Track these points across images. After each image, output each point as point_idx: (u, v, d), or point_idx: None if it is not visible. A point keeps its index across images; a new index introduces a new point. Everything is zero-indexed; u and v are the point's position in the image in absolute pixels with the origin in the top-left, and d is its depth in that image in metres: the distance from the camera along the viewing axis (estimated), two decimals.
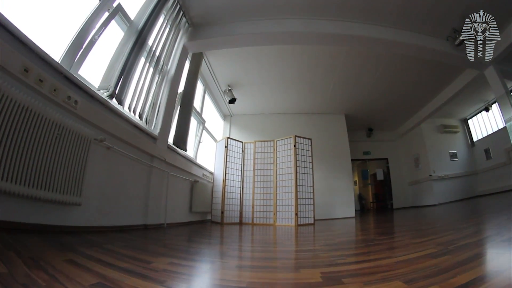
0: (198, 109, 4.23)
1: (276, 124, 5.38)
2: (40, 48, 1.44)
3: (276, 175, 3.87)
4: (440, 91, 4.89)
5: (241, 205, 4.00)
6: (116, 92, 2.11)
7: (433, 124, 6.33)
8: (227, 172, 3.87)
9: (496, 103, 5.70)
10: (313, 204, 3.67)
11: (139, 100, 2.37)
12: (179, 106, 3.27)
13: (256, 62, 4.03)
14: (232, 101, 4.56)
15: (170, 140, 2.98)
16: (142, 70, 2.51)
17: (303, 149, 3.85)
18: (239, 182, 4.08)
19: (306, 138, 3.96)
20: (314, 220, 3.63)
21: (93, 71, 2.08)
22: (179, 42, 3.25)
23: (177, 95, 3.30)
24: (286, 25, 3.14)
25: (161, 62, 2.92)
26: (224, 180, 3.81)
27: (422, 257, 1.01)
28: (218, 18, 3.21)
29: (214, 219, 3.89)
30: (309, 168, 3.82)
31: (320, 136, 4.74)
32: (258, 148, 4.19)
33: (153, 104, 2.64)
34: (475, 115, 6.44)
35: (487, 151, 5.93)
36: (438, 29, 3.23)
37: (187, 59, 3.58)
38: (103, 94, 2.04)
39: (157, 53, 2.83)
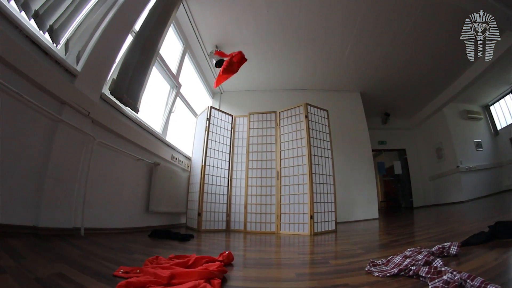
0: (174, 70, 3.03)
1: (278, 102, 4.12)
2: None
3: (280, 159, 2.71)
4: (468, 66, 3.96)
5: (228, 203, 2.81)
6: None
7: (456, 109, 5.45)
8: (208, 154, 2.67)
9: None
10: (335, 202, 2.54)
11: None
12: (132, 47, 2.09)
13: (253, 13, 2.88)
14: (220, 63, 3.39)
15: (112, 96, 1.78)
16: None
17: (318, 123, 2.73)
18: (227, 171, 2.89)
19: (321, 109, 2.85)
20: (336, 224, 2.49)
21: None
22: None
23: (131, 31, 2.13)
24: None
25: None
26: (203, 167, 2.61)
27: None
28: None
29: (190, 223, 2.68)
30: (327, 149, 2.70)
31: (333, 118, 3.61)
32: (253, 123, 3.01)
33: (70, 13, 1.43)
34: (498, 100, 5.69)
35: None
36: None
37: None
38: None
39: None
